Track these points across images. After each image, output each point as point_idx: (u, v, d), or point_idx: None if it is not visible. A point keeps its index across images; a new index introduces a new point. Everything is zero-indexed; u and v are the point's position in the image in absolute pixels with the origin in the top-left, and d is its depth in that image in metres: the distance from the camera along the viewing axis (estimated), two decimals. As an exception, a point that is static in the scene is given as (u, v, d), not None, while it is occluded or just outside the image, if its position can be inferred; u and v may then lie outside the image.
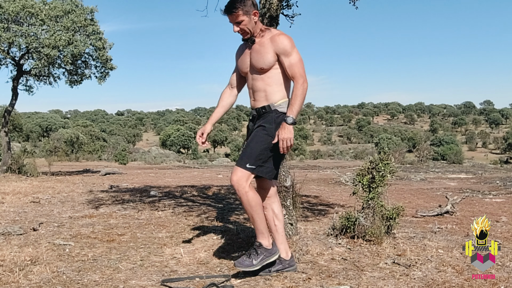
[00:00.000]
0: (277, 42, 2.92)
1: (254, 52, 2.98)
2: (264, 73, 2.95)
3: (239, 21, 2.92)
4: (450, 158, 34.56)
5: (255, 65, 2.96)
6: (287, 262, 3.07)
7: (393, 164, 3.84)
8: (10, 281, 2.85)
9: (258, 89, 2.98)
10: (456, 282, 2.94)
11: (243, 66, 3.06)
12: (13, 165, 10.54)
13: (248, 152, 2.90)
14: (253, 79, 3.01)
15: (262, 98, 2.98)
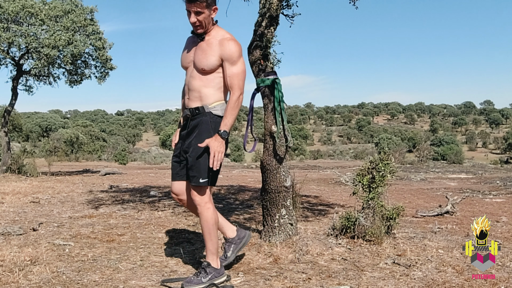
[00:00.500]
0: (225, 46, 2.80)
1: (200, 50, 2.86)
2: (205, 74, 2.85)
3: (199, 12, 2.77)
4: (450, 158, 34.56)
5: (197, 63, 2.85)
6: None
7: (393, 164, 3.84)
8: (10, 281, 2.84)
9: (194, 88, 2.87)
10: (456, 282, 2.94)
11: (185, 60, 2.94)
12: (13, 165, 10.53)
13: (197, 167, 2.81)
14: (191, 76, 2.89)
15: (196, 98, 2.87)
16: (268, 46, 3.70)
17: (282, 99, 3.61)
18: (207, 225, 2.86)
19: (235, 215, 5.47)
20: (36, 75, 10.96)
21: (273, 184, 3.65)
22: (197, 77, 2.86)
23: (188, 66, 2.92)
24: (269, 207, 3.71)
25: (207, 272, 2.84)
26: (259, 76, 3.68)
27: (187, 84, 2.91)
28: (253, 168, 19.09)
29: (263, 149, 3.75)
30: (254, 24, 3.78)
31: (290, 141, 3.70)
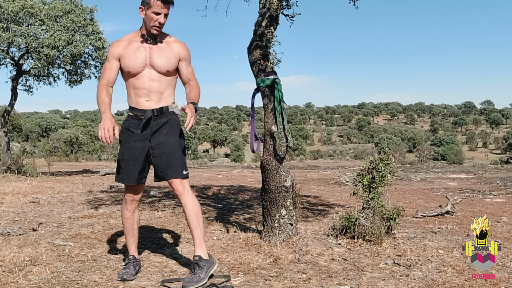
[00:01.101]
0: (183, 48, 3.01)
1: (158, 53, 2.93)
2: (167, 76, 2.96)
3: (167, 14, 2.89)
4: (450, 158, 34.53)
5: (160, 66, 2.92)
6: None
7: (393, 164, 3.84)
8: (9, 281, 2.84)
9: (156, 91, 2.94)
10: (457, 283, 2.93)
11: (137, 64, 2.91)
12: (13, 165, 10.51)
13: (178, 161, 2.96)
14: (151, 79, 2.92)
15: (158, 99, 2.95)
16: (268, 46, 3.70)
17: (282, 99, 3.61)
18: (196, 210, 3.00)
19: (235, 215, 5.47)
20: (35, 75, 10.95)
21: (273, 184, 3.65)
22: (157, 79, 2.94)
23: (141, 70, 2.92)
24: (269, 207, 3.70)
25: (201, 266, 2.88)
26: (259, 76, 3.68)
27: (146, 88, 2.93)
28: (253, 168, 19.09)
29: (263, 149, 3.75)
30: (254, 24, 3.78)
31: (290, 141, 3.69)
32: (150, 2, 2.84)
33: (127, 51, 2.92)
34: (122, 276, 2.94)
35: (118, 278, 2.94)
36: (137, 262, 3.11)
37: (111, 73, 2.94)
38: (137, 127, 2.95)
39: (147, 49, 2.93)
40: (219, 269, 3.17)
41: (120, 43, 2.95)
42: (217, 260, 3.34)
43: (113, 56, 2.93)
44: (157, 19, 2.86)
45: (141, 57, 2.91)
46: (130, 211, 3.11)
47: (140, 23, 3.00)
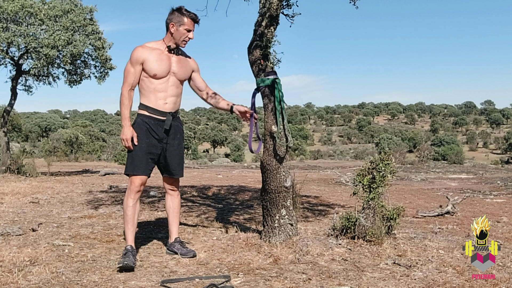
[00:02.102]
0: (195, 62, 3.56)
1: (179, 63, 3.40)
2: (182, 84, 3.46)
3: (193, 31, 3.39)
4: (450, 158, 34.52)
5: (181, 75, 3.41)
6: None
7: (393, 164, 3.83)
8: (9, 281, 2.83)
9: (173, 95, 3.39)
10: (457, 283, 2.92)
11: (163, 70, 3.31)
12: (12, 165, 10.50)
13: (182, 162, 3.64)
14: (171, 84, 3.36)
15: (173, 103, 3.40)
16: (268, 46, 3.69)
17: (282, 99, 3.60)
18: (179, 206, 3.70)
19: (235, 215, 5.46)
20: (35, 75, 10.94)
21: (273, 184, 3.64)
22: (176, 85, 3.39)
23: (165, 75, 3.33)
24: (269, 208, 3.69)
25: (183, 243, 3.61)
26: (259, 76, 3.67)
27: (164, 91, 3.34)
28: (253, 168, 19.08)
29: (263, 149, 3.74)
30: (254, 24, 3.77)
31: (290, 141, 3.68)
32: (183, 21, 3.31)
33: (152, 56, 3.28)
34: (124, 262, 3.08)
35: (121, 264, 3.08)
36: (134, 252, 3.31)
37: (134, 77, 3.29)
38: (156, 126, 3.34)
39: (170, 58, 3.36)
40: (219, 270, 3.17)
41: (145, 49, 3.30)
42: (217, 260, 3.37)
43: (138, 61, 3.27)
44: (188, 35, 3.35)
45: (166, 64, 3.32)
46: (134, 199, 3.35)
47: (138, 24, 3.21)
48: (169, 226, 3.65)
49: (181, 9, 3.34)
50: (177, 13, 3.33)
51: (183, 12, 3.32)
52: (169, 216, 3.65)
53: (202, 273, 3.07)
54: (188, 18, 3.32)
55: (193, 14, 3.35)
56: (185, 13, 3.32)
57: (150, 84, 3.31)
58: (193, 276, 2.99)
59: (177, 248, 3.51)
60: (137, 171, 3.32)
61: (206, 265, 3.28)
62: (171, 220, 3.62)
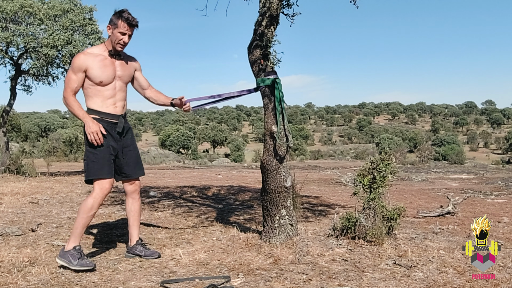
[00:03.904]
0: (136, 61, 3.55)
1: (123, 67, 3.38)
2: (126, 85, 3.47)
3: (131, 35, 3.36)
4: (451, 158, 34.49)
5: (126, 78, 3.41)
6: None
7: (394, 165, 3.82)
8: (8, 282, 2.83)
9: (121, 99, 3.39)
10: (458, 283, 2.92)
11: (108, 76, 3.28)
12: (12, 166, 10.47)
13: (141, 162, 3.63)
14: (119, 89, 3.36)
15: (122, 107, 3.40)
16: (268, 46, 3.68)
17: (283, 99, 3.59)
18: (140, 209, 3.61)
19: (235, 215, 5.45)
20: (34, 74, 10.91)
21: (273, 185, 3.63)
22: (123, 89, 3.41)
23: (111, 81, 3.31)
24: (269, 208, 3.68)
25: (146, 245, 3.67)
26: (259, 75, 3.66)
27: (113, 96, 3.33)
28: (253, 168, 19.07)
29: (263, 149, 3.73)
30: (254, 24, 3.76)
31: (291, 141, 3.67)
32: (117, 23, 3.26)
33: (95, 64, 3.25)
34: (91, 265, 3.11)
35: (91, 267, 3.10)
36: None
37: (77, 84, 3.24)
38: (110, 129, 3.31)
39: (114, 62, 3.34)
40: (219, 270, 3.16)
41: (87, 56, 3.25)
42: (217, 261, 3.36)
43: (80, 68, 3.22)
44: (122, 39, 3.28)
45: (111, 69, 3.30)
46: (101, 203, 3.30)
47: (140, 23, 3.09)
48: (129, 230, 3.58)
49: (120, 12, 3.29)
50: (116, 15, 3.29)
51: (119, 15, 3.28)
52: (129, 219, 3.58)
53: (202, 274, 3.06)
54: (123, 21, 3.25)
55: (129, 17, 3.28)
56: (121, 16, 3.27)
57: (97, 91, 3.27)
58: (193, 277, 2.98)
59: (139, 250, 3.48)
60: (109, 174, 3.28)
61: (206, 265, 3.27)
62: (131, 223, 3.56)
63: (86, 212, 3.21)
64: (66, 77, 3.28)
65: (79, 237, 3.24)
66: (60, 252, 3.19)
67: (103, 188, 3.25)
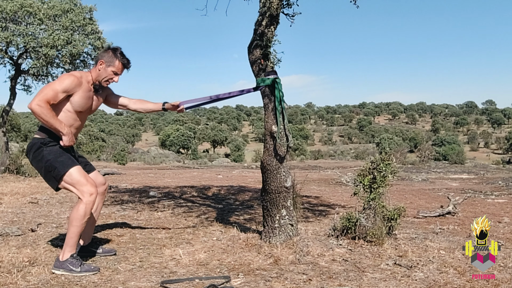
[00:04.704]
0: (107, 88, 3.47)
1: (97, 101, 3.38)
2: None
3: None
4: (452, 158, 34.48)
5: (94, 111, 3.46)
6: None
7: (394, 165, 3.81)
8: (8, 282, 2.82)
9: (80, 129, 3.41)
10: (458, 283, 2.91)
11: (87, 108, 3.32)
12: (11, 166, 10.46)
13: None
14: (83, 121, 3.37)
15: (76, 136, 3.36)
16: (269, 46, 3.67)
17: (283, 99, 3.58)
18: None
19: (235, 215, 5.44)
20: (34, 74, 10.89)
21: (273, 185, 3.62)
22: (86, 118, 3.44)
23: (85, 111, 3.31)
24: (270, 208, 3.68)
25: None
26: (259, 75, 3.65)
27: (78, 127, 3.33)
28: (253, 168, 19.07)
29: (264, 149, 3.72)
30: (254, 23, 3.75)
31: (291, 141, 3.67)
32: (113, 63, 3.26)
33: (82, 92, 3.21)
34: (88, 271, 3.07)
35: (96, 271, 3.08)
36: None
37: (57, 99, 3.11)
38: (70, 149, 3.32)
39: (93, 96, 3.33)
40: (219, 270, 3.15)
41: (78, 82, 3.18)
42: (217, 261, 3.34)
43: (68, 90, 3.14)
44: (113, 78, 3.31)
45: (90, 102, 3.32)
46: (95, 195, 3.20)
47: (138, 24, 3.28)
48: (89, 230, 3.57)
49: (116, 51, 3.29)
50: (111, 52, 3.28)
51: (117, 54, 3.27)
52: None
53: (202, 274, 3.06)
54: (119, 61, 3.26)
55: (126, 60, 3.30)
56: (118, 56, 3.27)
57: (69, 117, 3.21)
58: (193, 277, 2.97)
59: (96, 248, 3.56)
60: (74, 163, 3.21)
61: (206, 265, 3.26)
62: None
63: (79, 220, 3.11)
64: (48, 87, 3.11)
65: (74, 246, 3.15)
66: (56, 263, 3.09)
67: (91, 186, 3.15)
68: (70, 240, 3.12)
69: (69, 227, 3.12)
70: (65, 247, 3.13)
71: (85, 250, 3.47)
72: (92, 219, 3.48)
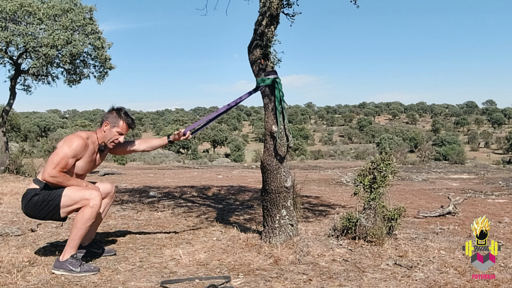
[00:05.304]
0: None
1: (99, 160, 3.42)
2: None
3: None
4: (452, 158, 34.49)
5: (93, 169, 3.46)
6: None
7: (394, 165, 3.81)
8: (8, 282, 2.82)
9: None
10: (458, 284, 2.91)
11: (89, 170, 3.34)
12: (11, 166, 10.45)
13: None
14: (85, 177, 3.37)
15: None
16: (269, 45, 3.67)
17: (283, 99, 3.58)
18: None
19: (235, 216, 5.44)
20: (34, 74, 10.89)
21: (273, 185, 3.62)
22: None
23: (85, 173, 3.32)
24: (270, 208, 3.67)
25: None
26: (259, 75, 3.65)
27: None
28: (253, 168, 19.07)
29: (264, 149, 3.71)
30: (254, 23, 3.75)
31: (291, 141, 3.66)
32: (118, 123, 3.32)
33: (87, 158, 3.25)
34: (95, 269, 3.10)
35: (96, 271, 3.08)
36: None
37: (67, 167, 3.14)
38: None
39: (96, 157, 3.37)
40: (219, 270, 3.15)
41: (85, 145, 3.21)
42: (217, 261, 3.34)
43: (77, 154, 3.18)
44: (118, 138, 3.35)
45: (93, 164, 3.35)
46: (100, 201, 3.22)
47: (138, 23, 3.20)
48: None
49: (120, 111, 3.35)
50: (115, 113, 3.34)
51: (121, 115, 3.33)
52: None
53: (202, 274, 3.05)
54: (124, 122, 3.32)
55: (130, 119, 3.36)
56: (123, 116, 3.33)
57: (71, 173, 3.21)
58: (193, 277, 2.97)
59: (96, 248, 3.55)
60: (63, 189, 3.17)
61: (206, 265, 3.26)
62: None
63: (84, 223, 3.10)
64: (58, 155, 3.11)
65: (76, 248, 3.14)
66: (56, 263, 3.09)
67: (91, 195, 3.13)
68: (72, 242, 3.12)
69: (73, 229, 3.12)
70: (66, 248, 3.12)
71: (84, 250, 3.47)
72: (97, 221, 3.47)
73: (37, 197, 3.13)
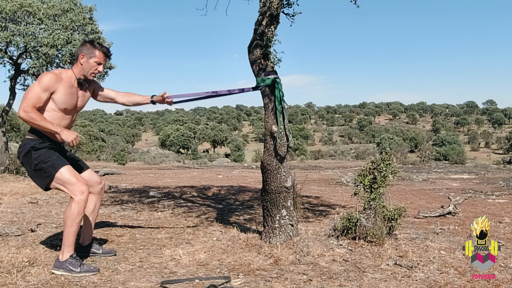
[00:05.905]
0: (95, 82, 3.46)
1: (83, 97, 3.36)
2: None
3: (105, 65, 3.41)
4: (452, 158, 34.50)
5: (81, 107, 3.40)
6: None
7: (394, 165, 3.80)
8: (7, 282, 2.82)
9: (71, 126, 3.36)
10: (459, 284, 2.90)
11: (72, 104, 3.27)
12: (11, 166, 10.45)
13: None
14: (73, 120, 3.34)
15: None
16: (269, 45, 3.67)
17: (283, 99, 3.58)
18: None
19: (235, 216, 5.44)
20: (34, 74, 10.85)
21: (273, 185, 3.62)
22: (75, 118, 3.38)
23: (71, 108, 3.27)
24: (270, 208, 3.67)
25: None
26: (259, 75, 3.65)
27: (67, 127, 3.26)
28: (253, 169, 19.07)
29: (264, 149, 3.71)
30: (254, 23, 3.75)
31: (291, 141, 3.66)
32: (94, 53, 3.27)
33: (64, 89, 3.18)
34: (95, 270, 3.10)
35: (95, 271, 3.08)
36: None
37: (41, 101, 3.11)
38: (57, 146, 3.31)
39: (78, 92, 3.32)
40: (219, 270, 3.15)
41: (58, 79, 3.16)
42: (217, 261, 3.34)
43: (48, 88, 3.12)
44: (97, 68, 3.30)
45: (75, 98, 3.29)
46: (86, 193, 3.18)
47: (138, 23, 3.22)
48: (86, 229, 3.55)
49: (93, 42, 3.33)
50: (89, 45, 3.30)
51: (95, 45, 3.30)
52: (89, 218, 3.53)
53: (202, 274, 3.05)
54: (99, 51, 3.29)
55: (105, 48, 3.34)
56: (97, 46, 3.30)
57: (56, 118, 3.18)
58: (193, 277, 2.97)
59: (96, 248, 3.54)
60: (66, 162, 3.19)
61: (206, 265, 3.25)
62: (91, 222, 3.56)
63: (73, 219, 3.10)
64: (30, 91, 3.10)
65: (72, 245, 3.14)
66: (56, 263, 3.10)
67: (82, 185, 3.14)
68: (67, 240, 3.13)
69: (64, 227, 3.14)
70: (63, 247, 3.13)
71: (85, 250, 3.47)
72: (91, 219, 3.47)
73: (36, 153, 3.16)
